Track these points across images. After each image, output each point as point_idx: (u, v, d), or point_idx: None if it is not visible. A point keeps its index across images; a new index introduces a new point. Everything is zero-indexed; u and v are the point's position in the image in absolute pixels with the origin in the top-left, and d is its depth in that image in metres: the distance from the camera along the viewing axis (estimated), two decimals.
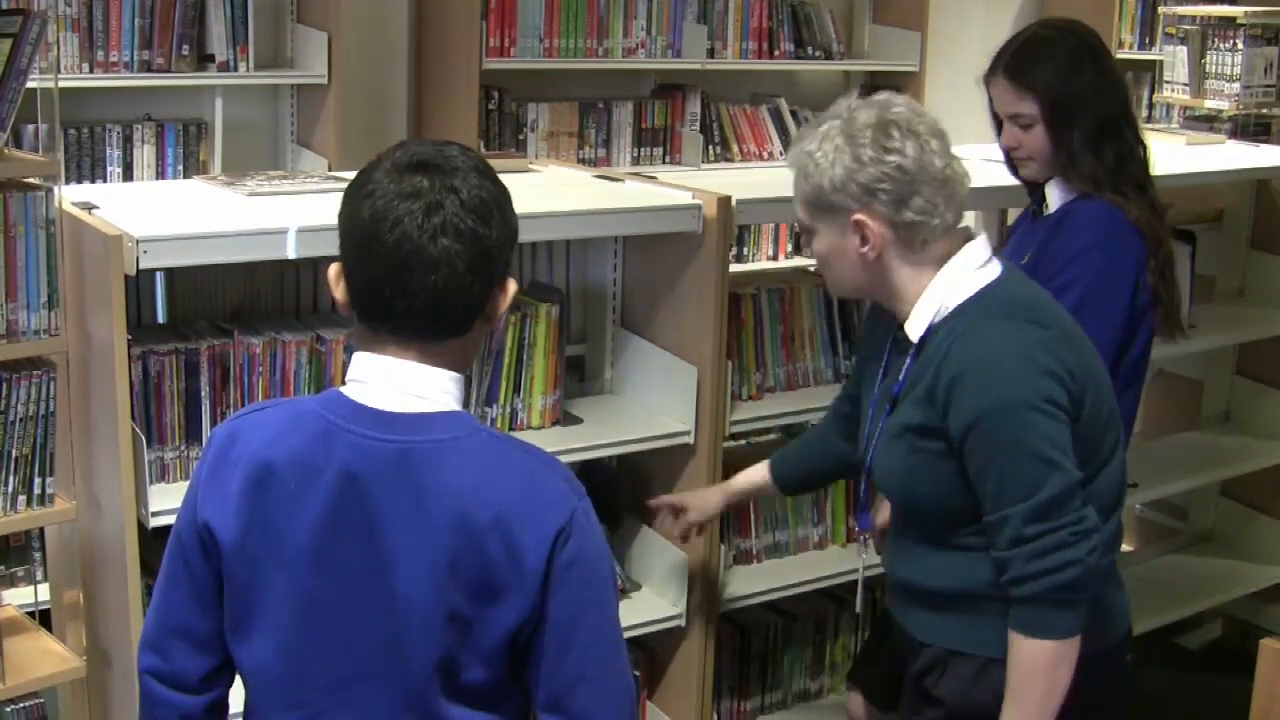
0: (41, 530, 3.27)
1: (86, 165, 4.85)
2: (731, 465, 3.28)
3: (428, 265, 1.89)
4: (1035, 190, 3.21)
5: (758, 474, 3.07)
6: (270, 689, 2.03)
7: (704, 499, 3.12)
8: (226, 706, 2.16)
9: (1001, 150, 3.21)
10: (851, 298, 2.68)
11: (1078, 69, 3.07)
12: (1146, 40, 7.34)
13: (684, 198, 3.21)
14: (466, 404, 3.03)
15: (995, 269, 2.49)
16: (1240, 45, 6.06)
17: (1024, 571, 2.36)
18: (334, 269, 1.99)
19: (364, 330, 1.99)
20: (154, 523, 2.66)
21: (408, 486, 1.92)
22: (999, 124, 3.16)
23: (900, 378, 2.52)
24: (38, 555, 3.86)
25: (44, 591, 3.23)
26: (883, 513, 2.91)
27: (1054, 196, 3.14)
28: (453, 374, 1.99)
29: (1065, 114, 3.05)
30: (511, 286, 2.01)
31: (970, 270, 2.46)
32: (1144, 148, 3.18)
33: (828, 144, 2.42)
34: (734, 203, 3.18)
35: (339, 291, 1.99)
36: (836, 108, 2.48)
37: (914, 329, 2.48)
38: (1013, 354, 2.38)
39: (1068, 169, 3.09)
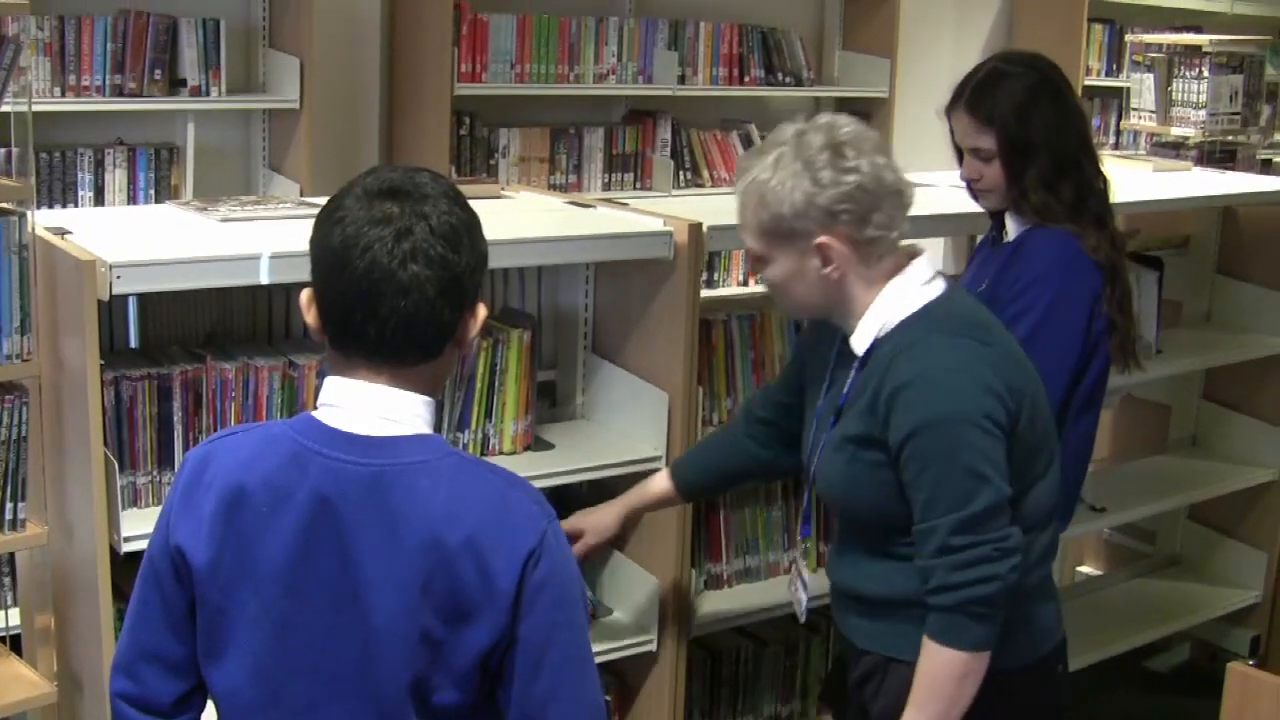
0: (11, 555, 3.26)
1: (58, 189, 4.84)
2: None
3: (397, 291, 1.90)
4: (996, 217, 3.24)
5: (657, 484, 3.03)
6: (243, 712, 2.03)
7: (599, 519, 3.02)
8: None
9: (963, 180, 3.23)
10: (805, 318, 2.68)
11: (1036, 105, 3.08)
12: (1114, 67, 7.41)
13: (655, 224, 3.22)
14: (438, 429, 3.04)
15: (939, 285, 2.53)
16: (1206, 73, 6.12)
17: (945, 581, 2.40)
18: (305, 294, 2.01)
19: (335, 355, 2.00)
20: (126, 548, 2.66)
21: (379, 509, 1.93)
22: (960, 154, 3.20)
23: (845, 390, 2.56)
24: (6, 580, 3.84)
25: (14, 616, 3.22)
26: None
27: (1013, 224, 3.16)
28: (424, 398, 2.01)
29: (1022, 151, 3.07)
30: (482, 311, 2.03)
31: (915, 286, 2.49)
32: (1104, 180, 3.19)
33: (783, 171, 2.42)
34: (705, 229, 3.19)
35: (310, 316, 2.00)
36: (780, 133, 2.48)
37: (859, 343, 2.51)
38: (955, 369, 2.42)
39: (1019, 202, 3.10)
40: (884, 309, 2.49)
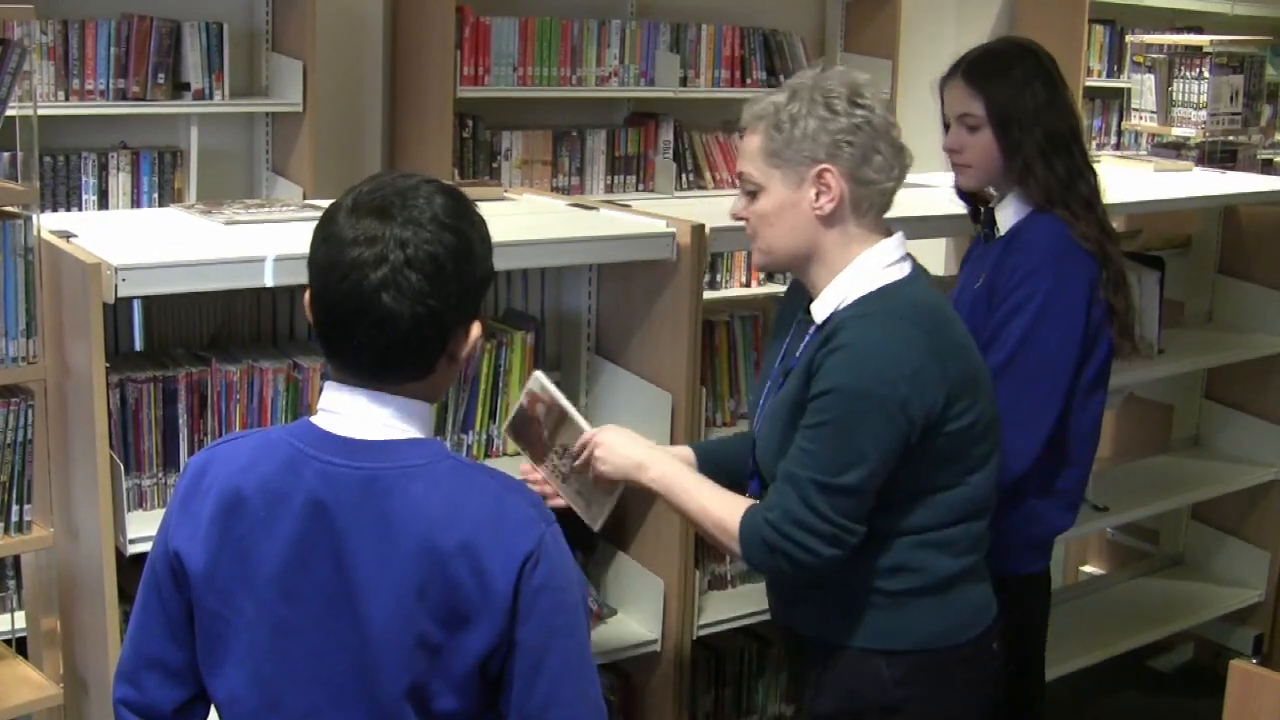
0: (17, 558, 3.26)
1: (61, 193, 4.85)
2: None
3: (372, 322, 1.90)
4: (985, 215, 3.26)
5: (684, 452, 2.96)
6: (243, 719, 2.04)
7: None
8: None
9: (945, 150, 3.25)
10: (776, 267, 2.70)
11: (1031, 83, 3.12)
12: (1114, 68, 7.42)
13: (658, 226, 3.23)
14: (442, 431, 3.05)
15: (904, 268, 2.56)
16: (1207, 73, 6.12)
17: (780, 523, 2.45)
18: (308, 293, 2.01)
19: (330, 362, 2.02)
20: (132, 550, 2.67)
21: (374, 513, 1.93)
22: (947, 129, 3.22)
23: (797, 355, 2.59)
24: (11, 583, 3.85)
25: (20, 619, 3.22)
26: None
27: (1004, 218, 3.18)
28: (420, 402, 2.01)
29: (1016, 122, 3.08)
30: (476, 330, 2.01)
31: (881, 267, 2.54)
32: (1093, 174, 3.21)
33: (799, 100, 2.49)
34: (708, 231, 3.20)
35: (311, 317, 2.01)
36: (801, 74, 2.57)
37: (820, 311, 2.55)
38: (890, 351, 2.45)
39: (1025, 177, 3.10)
40: (847, 282, 2.53)
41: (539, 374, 2.76)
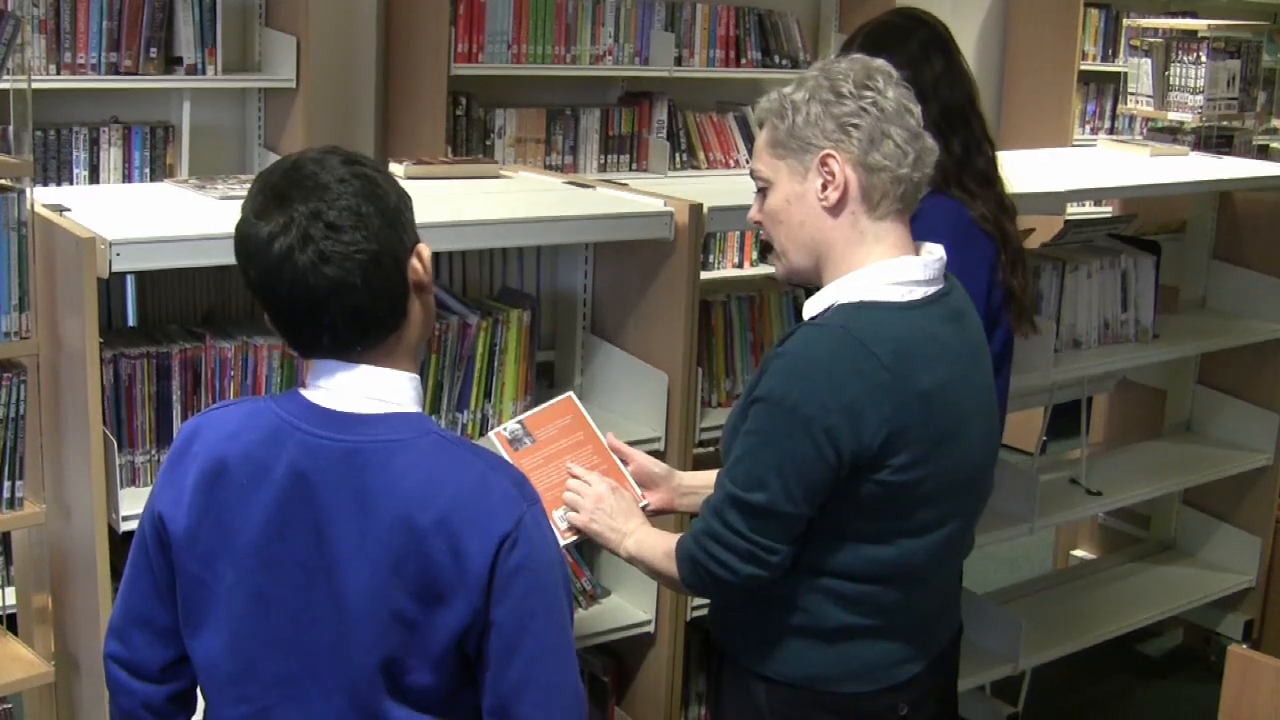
0: (8, 534, 3.24)
1: (53, 168, 4.83)
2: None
3: (329, 296, 1.90)
4: None
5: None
6: (219, 683, 2.05)
7: (650, 475, 2.77)
8: (191, 699, 2.19)
9: None
10: (793, 275, 2.47)
11: (927, 57, 3.10)
12: (1109, 52, 7.42)
13: (656, 205, 3.21)
14: (437, 410, 3.05)
15: (916, 293, 2.36)
16: (1203, 58, 6.12)
17: (703, 539, 2.39)
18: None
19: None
20: (124, 527, 2.65)
21: (353, 486, 1.94)
22: None
23: None
24: (2, 559, 3.83)
25: (10, 596, 3.21)
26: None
27: None
28: (408, 374, 2.02)
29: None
30: (425, 250, 2.01)
31: (887, 281, 2.34)
32: (991, 146, 3.18)
33: (806, 87, 2.36)
34: (705, 210, 3.19)
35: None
36: (815, 64, 2.43)
37: (810, 308, 2.40)
38: (833, 371, 2.27)
39: None
40: (848, 285, 2.35)
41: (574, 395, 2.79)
